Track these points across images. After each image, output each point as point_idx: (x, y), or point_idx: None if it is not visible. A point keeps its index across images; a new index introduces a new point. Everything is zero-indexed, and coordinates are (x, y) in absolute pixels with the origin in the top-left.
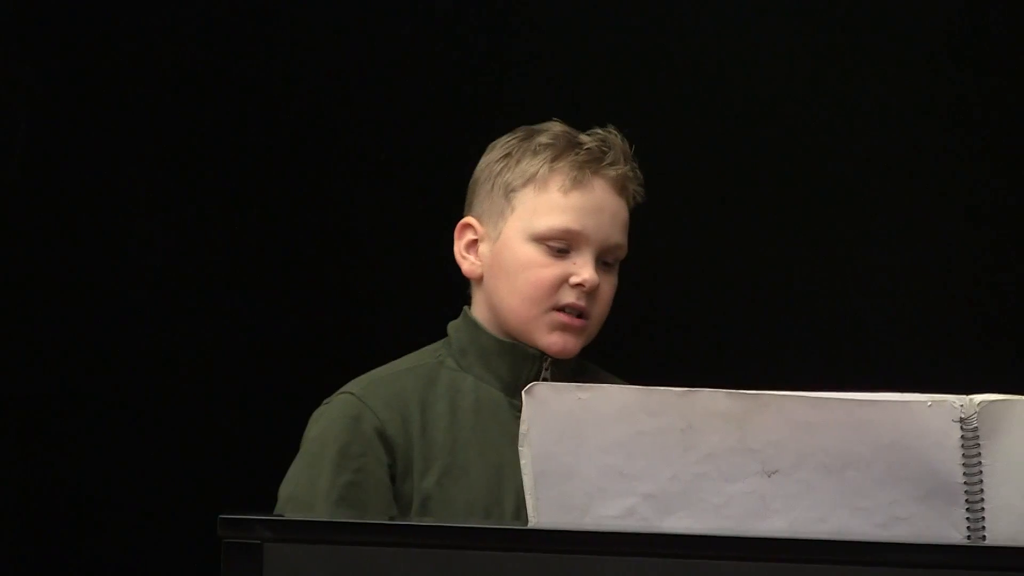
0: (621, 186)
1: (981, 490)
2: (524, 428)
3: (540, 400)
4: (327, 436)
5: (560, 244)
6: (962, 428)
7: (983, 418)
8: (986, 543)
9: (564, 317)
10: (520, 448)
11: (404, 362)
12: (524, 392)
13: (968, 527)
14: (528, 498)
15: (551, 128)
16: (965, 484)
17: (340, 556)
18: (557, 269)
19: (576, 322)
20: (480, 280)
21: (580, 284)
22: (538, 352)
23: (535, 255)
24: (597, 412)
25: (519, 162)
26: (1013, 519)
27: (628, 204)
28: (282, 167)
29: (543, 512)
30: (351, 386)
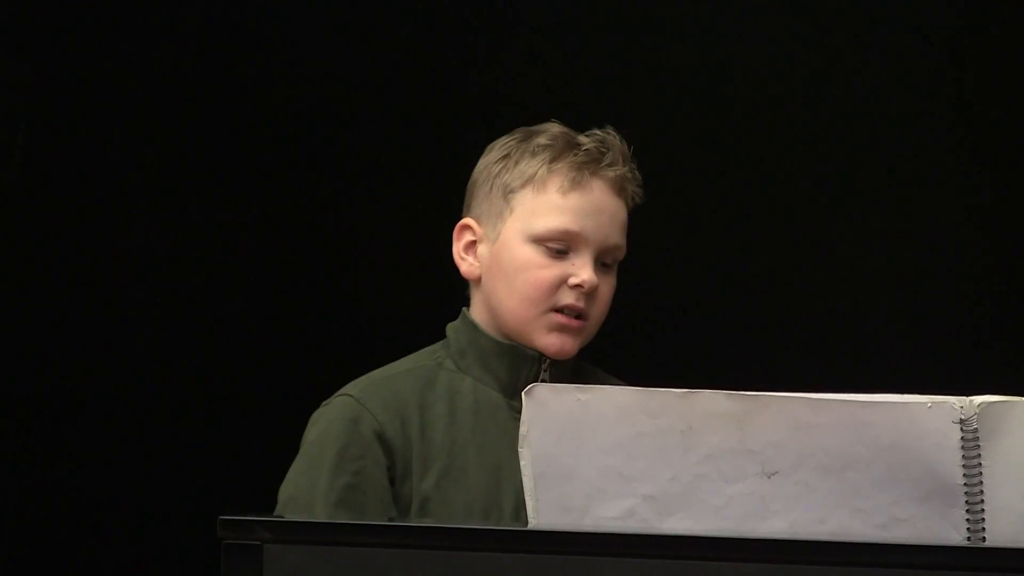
0: (620, 187)
1: (981, 491)
2: (524, 429)
3: (540, 401)
4: (326, 438)
5: (559, 245)
6: (962, 429)
7: (983, 419)
8: (986, 544)
9: (563, 318)
10: (520, 449)
11: (403, 364)
12: (524, 393)
13: (968, 528)
14: (528, 499)
15: (550, 129)
16: (965, 485)
17: (340, 557)
18: (556, 270)
19: (575, 323)
20: (479, 281)
21: (579, 285)
22: (537, 353)
23: (534, 256)
24: (597, 413)
25: (518, 163)
26: (1013, 520)
27: (627, 205)
28: (281, 168)
29: (543, 513)
30: (350, 388)
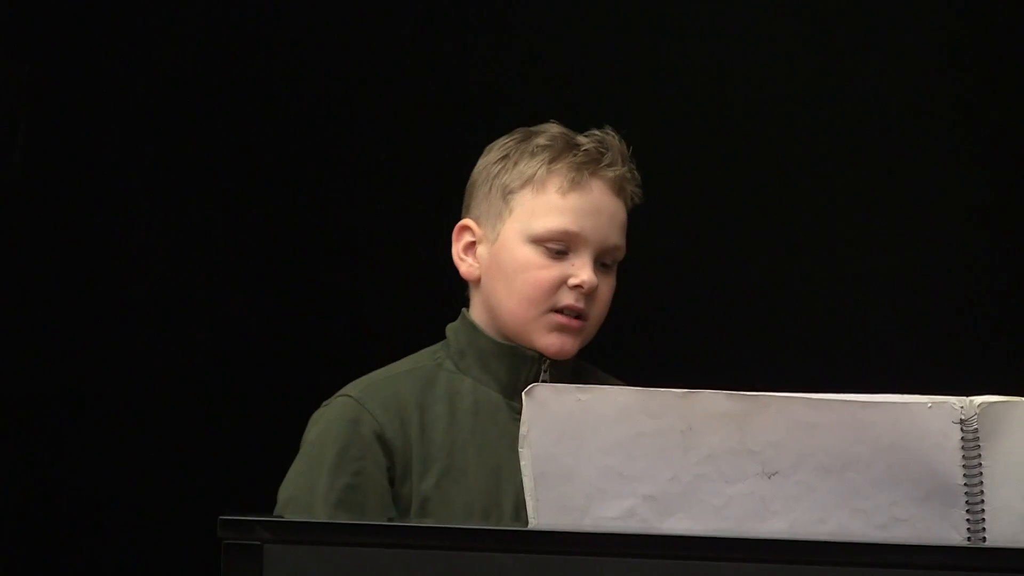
0: (619, 187)
1: (981, 491)
2: (524, 429)
3: (540, 401)
4: (326, 439)
5: (558, 245)
6: (962, 429)
7: (983, 419)
8: (986, 544)
9: (563, 318)
10: (520, 449)
11: (402, 364)
12: (524, 393)
13: (968, 528)
14: (528, 499)
15: (549, 129)
16: (965, 485)
17: (339, 557)
18: (555, 271)
19: (574, 323)
20: (478, 282)
21: (579, 286)
22: (536, 354)
23: (533, 257)
24: (597, 413)
25: (517, 164)
26: (1013, 520)
27: (626, 205)
28: (281, 168)
29: (543, 513)
30: (349, 389)
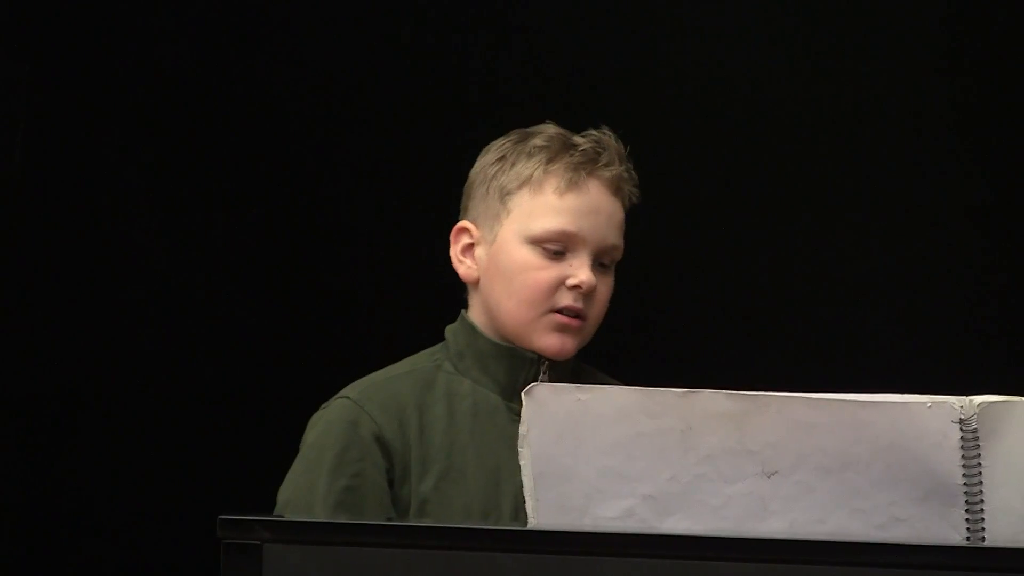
0: (616, 187)
1: (980, 491)
2: (523, 429)
3: (539, 401)
4: (325, 441)
5: (556, 246)
6: (961, 429)
7: (982, 419)
8: (985, 544)
9: (562, 318)
10: (519, 449)
11: (401, 366)
12: (524, 393)
13: (967, 528)
14: (527, 499)
15: (545, 130)
16: (964, 485)
17: (339, 557)
18: (554, 271)
19: (574, 323)
20: (477, 284)
21: (577, 286)
22: (535, 355)
23: (531, 258)
24: (596, 413)
25: (514, 165)
26: (1012, 520)
27: (624, 205)
28: (281, 168)
29: (542, 513)
30: (348, 390)
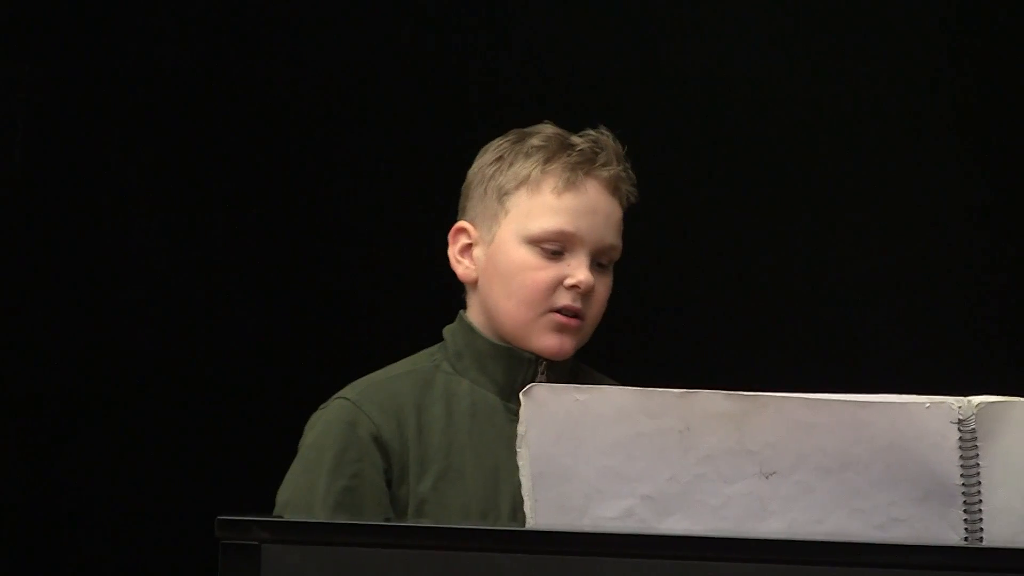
0: (614, 187)
1: (979, 492)
2: (522, 429)
3: (538, 401)
4: (323, 442)
5: (554, 246)
6: (960, 430)
7: (981, 420)
8: (984, 544)
9: (561, 318)
10: (518, 449)
11: (400, 366)
12: (522, 393)
13: (966, 528)
14: (526, 499)
15: (543, 130)
16: (963, 486)
17: (337, 557)
18: (552, 271)
19: (572, 322)
20: (475, 284)
21: (575, 286)
22: (533, 356)
23: (529, 258)
24: (595, 413)
25: (511, 165)
26: (1011, 520)
27: (621, 205)
28: (281, 168)
29: (541, 513)
30: (347, 391)
